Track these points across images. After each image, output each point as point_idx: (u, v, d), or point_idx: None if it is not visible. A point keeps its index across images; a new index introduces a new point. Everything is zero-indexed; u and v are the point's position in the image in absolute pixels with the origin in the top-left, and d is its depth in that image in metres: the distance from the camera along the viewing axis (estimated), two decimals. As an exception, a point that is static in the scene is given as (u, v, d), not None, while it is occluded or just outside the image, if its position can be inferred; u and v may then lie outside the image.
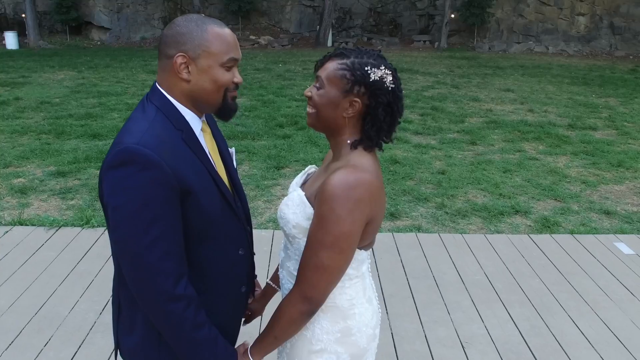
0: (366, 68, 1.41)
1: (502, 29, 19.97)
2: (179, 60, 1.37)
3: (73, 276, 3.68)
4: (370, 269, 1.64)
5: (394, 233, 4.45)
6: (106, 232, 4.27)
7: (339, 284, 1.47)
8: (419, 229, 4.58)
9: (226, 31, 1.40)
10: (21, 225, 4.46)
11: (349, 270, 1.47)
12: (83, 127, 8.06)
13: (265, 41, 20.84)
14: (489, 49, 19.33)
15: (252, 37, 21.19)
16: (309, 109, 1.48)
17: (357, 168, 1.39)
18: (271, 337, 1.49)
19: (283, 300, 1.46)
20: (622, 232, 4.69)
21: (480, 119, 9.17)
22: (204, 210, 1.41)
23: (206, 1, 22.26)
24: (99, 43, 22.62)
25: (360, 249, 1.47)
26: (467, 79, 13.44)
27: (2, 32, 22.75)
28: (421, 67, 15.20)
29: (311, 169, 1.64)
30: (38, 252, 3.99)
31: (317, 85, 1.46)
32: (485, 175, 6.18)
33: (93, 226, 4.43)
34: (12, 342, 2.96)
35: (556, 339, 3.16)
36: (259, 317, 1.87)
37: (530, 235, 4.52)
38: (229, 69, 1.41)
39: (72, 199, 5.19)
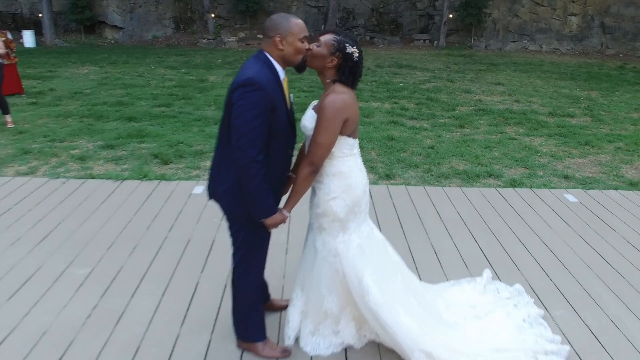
0: (346, 44, 2.62)
1: (498, 29, 21.13)
2: (277, 39, 2.54)
3: (141, 212, 4.84)
4: (360, 155, 2.81)
5: (389, 186, 5.62)
6: (161, 183, 5.44)
7: (341, 157, 2.66)
8: (408, 184, 5.75)
9: (300, 21, 2.58)
10: (92, 178, 5.64)
11: (345, 150, 2.66)
12: (118, 112, 9.23)
13: (272, 40, 21.99)
14: (486, 47, 20.49)
15: (259, 35, 22.35)
16: (309, 55, 2.65)
17: (337, 92, 2.60)
18: (294, 193, 2.69)
19: (299, 167, 2.65)
20: (573, 188, 5.84)
21: (470, 108, 10.31)
22: (278, 121, 2.58)
23: (215, 1, 23.41)
24: (112, 41, 23.78)
25: (349, 137, 2.67)
26: (461, 74, 14.59)
27: (20, 31, 23.90)
28: (420, 63, 16.35)
29: (315, 102, 2.82)
30: (111, 197, 5.17)
31: (317, 44, 2.66)
32: (468, 150, 7.34)
33: (150, 179, 5.60)
34: (109, 248, 4.14)
35: (507, 253, 4.30)
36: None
37: (497, 189, 5.68)
38: (303, 41, 2.58)
39: (124, 164, 6.36)
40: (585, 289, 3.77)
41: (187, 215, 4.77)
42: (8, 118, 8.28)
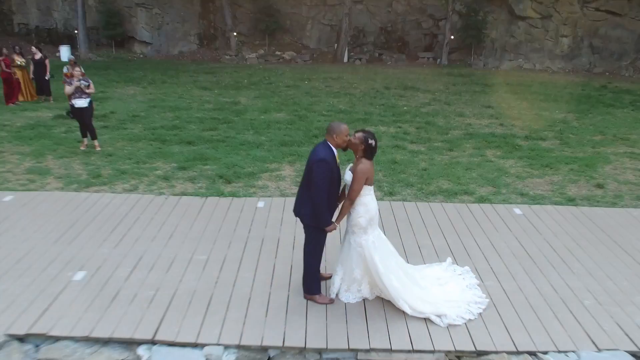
0: (369, 139, 5.28)
1: (496, 48, 23.67)
2: (334, 135, 5.21)
3: (227, 219, 7.44)
4: (375, 194, 5.40)
5: (391, 202, 8.22)
6: (234, 199, 8.05)
7: (364, 195, 5.31)
8: (404, 200, 8.33)
9: (346, 126, 5.27)
10: (184, 195, 8.27)
11: (367, 192, 5.33)
12: (177, 136, 11.85)
13: (289, 56, 24.64)
14: (484, 65, 23.03)
15: (277, 52, 25.01)
16: (349, 143, 5.26)
17: (363, 163, 5.27)
18: (340, 214, 5.41)
19: (342, 200, 5.31)
20: (523, 203, 8.40)
21: (460, 132, 12.88)
22: (333, 177, 5.22)
23: (236, 19, 26.02)
24: (141, 56, 26.45)
25: (368, 185, 5.31)
26: (458, 95, 17.15)
27: (56, 46, 26.54)
28: (423, 84, 18.94)
29: (350, 165, 5.41)
30: (203, 209, 7.79)
31: (353, 137, 5.28)
32: (453, 171, 9.91)
33: (225, 196, 8.23)
34: (214, 243, 6.75)
35: (465, 247, 6.87)
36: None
37: (467, 204, 8.27)
38: (347, 136, 5.24)
39: (198, 183, 8.98)
40: (509, 269, 6.35)
41: (258, 222, 7.39)
42: (96, 142, 10.92)
